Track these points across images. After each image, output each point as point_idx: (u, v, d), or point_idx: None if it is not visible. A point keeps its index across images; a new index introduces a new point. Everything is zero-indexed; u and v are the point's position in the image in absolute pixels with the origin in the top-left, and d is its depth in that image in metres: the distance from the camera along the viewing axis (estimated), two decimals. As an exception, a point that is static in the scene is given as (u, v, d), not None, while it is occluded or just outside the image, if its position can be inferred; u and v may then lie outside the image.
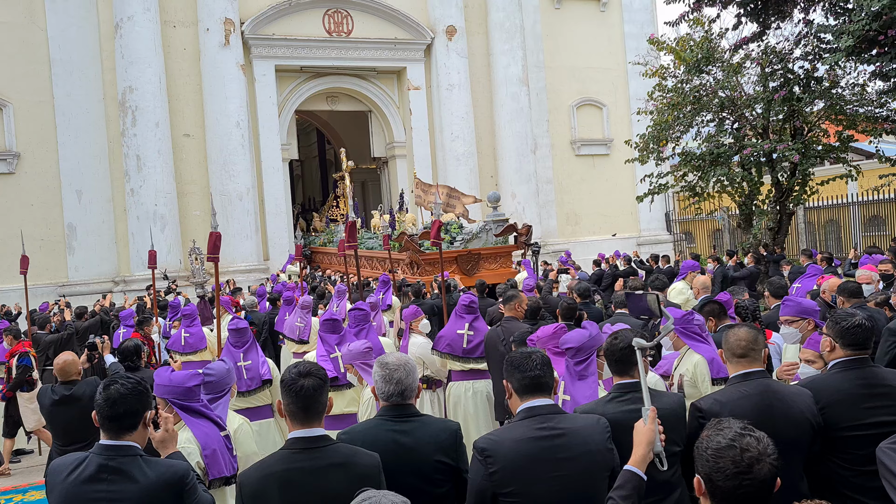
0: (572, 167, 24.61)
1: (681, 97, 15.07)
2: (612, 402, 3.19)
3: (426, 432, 3.16)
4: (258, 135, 20.30)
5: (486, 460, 2.81)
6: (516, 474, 2.78)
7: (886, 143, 16.20)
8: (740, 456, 1.91)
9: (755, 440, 1.95)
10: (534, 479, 2.78)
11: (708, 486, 1.96)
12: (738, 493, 1.91)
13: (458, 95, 22.21)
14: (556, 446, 2.81)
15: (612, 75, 24.93)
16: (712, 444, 1.97)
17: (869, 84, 14.23)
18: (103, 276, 18.94)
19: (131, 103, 18.58)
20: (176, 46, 19.58)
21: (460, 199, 16.89)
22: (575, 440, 2.85)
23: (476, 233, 15.08)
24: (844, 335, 3.25)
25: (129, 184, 18.71)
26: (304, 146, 29.78)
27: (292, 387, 2.80)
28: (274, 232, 20.46)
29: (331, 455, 2.74)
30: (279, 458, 2.78)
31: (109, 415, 2.82)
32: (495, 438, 2.92)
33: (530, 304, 7.02)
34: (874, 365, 3.33)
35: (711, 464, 1.94)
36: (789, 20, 14.12)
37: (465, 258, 14.45)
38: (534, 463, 2.79)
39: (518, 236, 15.58)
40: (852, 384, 3.20)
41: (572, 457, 2.81)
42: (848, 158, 15.21)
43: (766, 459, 1.93)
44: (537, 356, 2.97)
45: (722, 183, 15.00)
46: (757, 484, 1.91)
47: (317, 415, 2.81)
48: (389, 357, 3.29)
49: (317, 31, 20.91)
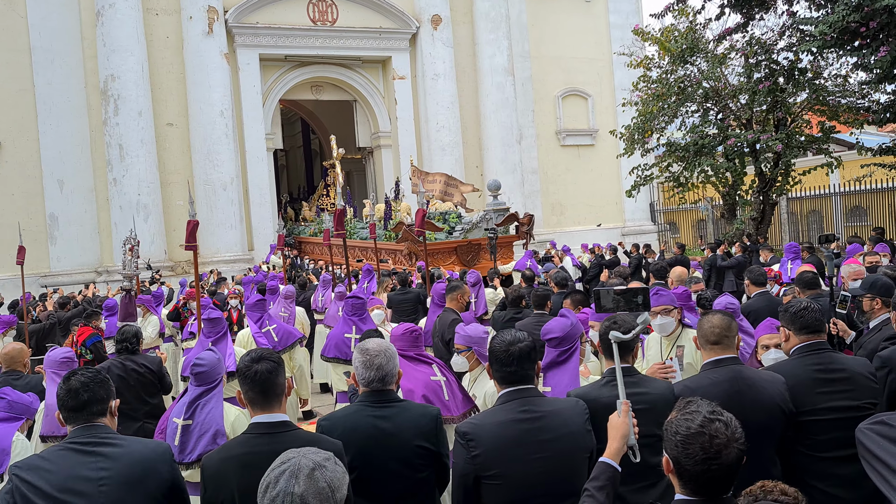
0: (557, 157, 24.65)
1: (665, 88, 15.14)
2: (606, 385, 3.22)
3: (406, 417, 3.18)
4: (242, 124, 20.18)
5: (469, 444, 2.85)
6: (499, 457, 2.82)
7: (867, 135, 16.38)
8: (709, 443, 1.94)
9: (723, 425, 1.97)
10: (516, 461, 2.82)
11: (676, 467, 2.01)
12: (705, 477, 1.96)
13: (443, 85, 22.16)
14: (537, 428, 2.86)
15: (598, 66, 24.97)
16: (681, 428, 2.00)
17: (851, 75, 14.35)
18: (85, 267, 18.80)
19: (113, 92, 18.41)
20: (158, 35, 19.39)
21: (458, 187, 16.50)
22: (555, 422, 2.90)
23: (476, 222, 14.72)
24: (794, 320, 3.31)
25: (112, 173, 18.56)
26: (288, 136, 29.64)
27: (247, 373, 2.84)
28: (258, 222, 20.37)
29: (291, 440, 2.75)
30: (240, 441, 2.83)
31: (74, 405, 2.75)
32: (477, 422, 2.96)
33: (513, 293, 7.03)
34: (831, 350, 3.36)
35: (680, 449, 1.98)
36: (773, 11, 14.18)
37: (465, 248, 14.19)
38: (515, 445, 2.83)
39: (519, 226, 15.21)
40: (807, 369, 3.24)
41: (553, 438, 2.85)
42: (830, 149, 15.35)
43: (734, 445, 1.96)
44: (516, 349, 2.96)
45: (706, 173, 15.10)
46: (724, 468, 1.95)
47: (275, 398, 2.84)
48: (370, 343, 3.30)
49: (301, 20, 20.78)
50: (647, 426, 2.90)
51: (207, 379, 4.22)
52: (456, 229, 14.70)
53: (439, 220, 15.08)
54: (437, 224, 14.68)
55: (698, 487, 1.98)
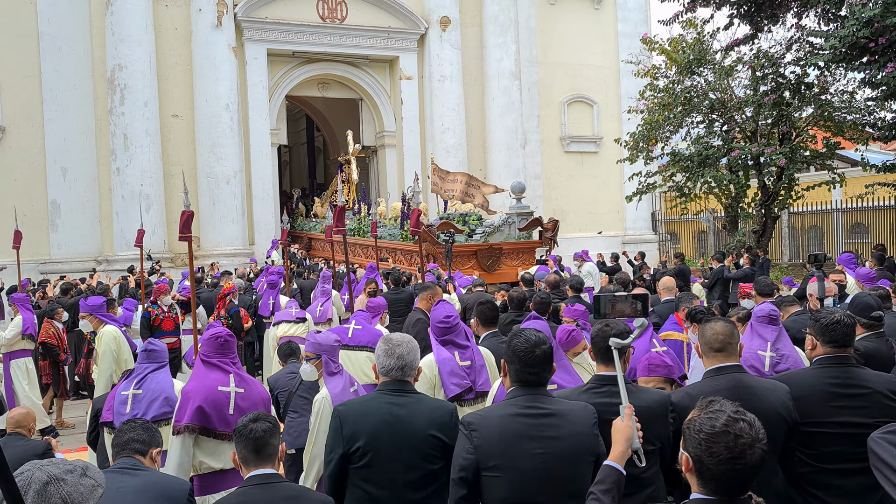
0: (561, 163, 24.65)
1: (672, 97, 15.16)
2: (587, 392, 3.20)
3: (422, 408, 3.23)
4: (247, 118, 20.18)
5: (472, 434, 2.85)
6: (500, 448, 2.81)
7: (872, 152, 16.37)
8: (734, 442, 1.94)
9: (748, 425, 1.97)
10: (518, 455, 2.80)
11: (697, 465, 1.99)
12: (728, 477, 1.95)
13: (449, 87, 22.18)
14: (543, 424, 2.85)
15: (604, 73, 24.98)
16: (706, 427, 1.98)
17: (858, 91, 14.37)
18: (86, 255, 18.79)
19: (120, 81, 18.41)
20: (167, 26, 19.40)
21: (480, 188, 15.77)
22: (562, 421, 2.88)
23: (498, 226, 14.02)
24: (824, 332, 3.29)
25: (116, 162, 18.55)
26: (293, 132, 29.61)
27: (243, 431, 2.90)
28: (260, 217, 20.36)
29: (284, 489, 2.86)
30: (236, 493, 2.91)
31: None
32: (483, 414, 2.97)
33: (516, 296, 7.01)
34: (856, 365, 3.33)
35: (704, 448, 1.96)
36: (782, 24, 14.20)
37: (486, 253, 13.42)
38: (519, 438, 2.82)
39: (543, 231, 14.48)
40: (824, 381, 3.23)
41: (558, 436, 2.84)
42: (833, 165, 15.36)
43: (758, 445, 1.96)
44: (541, 352, 2.93)
45: (709, 184, 15.11)
46: (748, 468, 1.95)
47: (268, 458, 2.90)
48: (394, 334, 3.40)
49: (310, 17, 20.80)
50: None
51: (158, 358, 4.85)
52: (477, 232, 14.06)
53: (459, 221, 14.39)
54: (458, 226, 14.01)
55: (719, 487, 1.98)
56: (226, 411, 4.15)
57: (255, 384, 4.46)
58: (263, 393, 4.51)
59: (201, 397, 4.13)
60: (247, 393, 4.27)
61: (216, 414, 4.13)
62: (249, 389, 4.32)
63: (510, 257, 13.84)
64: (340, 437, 3.20)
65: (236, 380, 4.29)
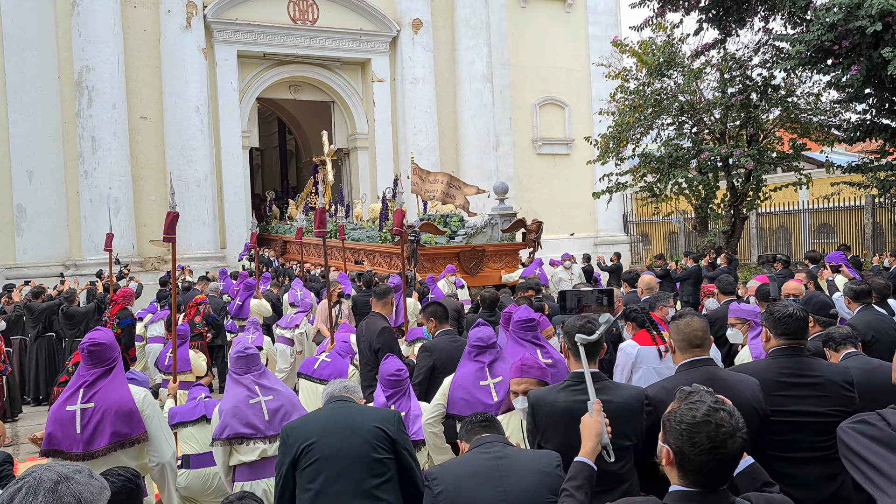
0: (533, 165, 24.77)
1: (642, 100, 15.31)
2: (564, 389, 3.22)
3: (365, 409, 3.56)
4: (218, 121, 19.99)
5: (433, 482, 2.95)
6: (461, 491, 2.88)
7: (837, 154, 16.72)
8: (715, 431, 1.95)
9: (728, 415, 1.99)
10: (478, 495, 2.86)
11: (678, 457, 2.00)
12: (709, 467, 1.96)
13: (422, 89, 22.18)
14: (502, 465, 2.93)
15: (576, 76, 25.16)
16: (686, 418, 1.99)
17: (823, 94, 14.65)
18: (53, 260, 18.47)
19: (88, 83, 18.13)
20: (135, 27, 19.16)
21: (461, 189, 15.41)
22: (521, 460, 2.98)
23: (480, 227, 13.74)
24: (777, 325, 3.39)
25: (83, 165, 18.26)
26: (264, 135, 29.38)
27: None
28: (232, 220, 20.18)
29: None
30: None
31: None
32: (443, 466, 3.12)
33: (488, 296, 7.02)
34: (808, 356, 3.43)
35: (685, 438, 1.97)
36: (749, 28, 14.42)
37: (469, 255, 13.10)
38: (478, 479, 2.89)
39: (527, 233, 14.22)
40: (776, 371, 3.31)
41: (517, 472, 2.91)
42: (800, 167, 15.63)
43: (738, 434, 1.97)
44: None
45: (679, 185, 15.28)
46: (729, 458, 1.97)
47: None
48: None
49: (281, 18, 20.67)
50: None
51: (103, 358, 3.99)
52: (459, 233, 13.77)
53: (440, 222, 14.10)
54: (439, 227, 13.74)
55: (700, 478, 1.99)
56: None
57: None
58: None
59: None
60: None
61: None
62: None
63: (493, 259, 13.60)
64: (286, 447, 3.35)
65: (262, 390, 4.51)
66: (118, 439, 3.85)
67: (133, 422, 3.90)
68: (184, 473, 5.20)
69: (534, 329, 5.10)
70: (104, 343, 3.98)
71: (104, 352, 3.97)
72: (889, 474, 1.38)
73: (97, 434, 3.84)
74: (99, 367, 3.94)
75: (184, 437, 5.27)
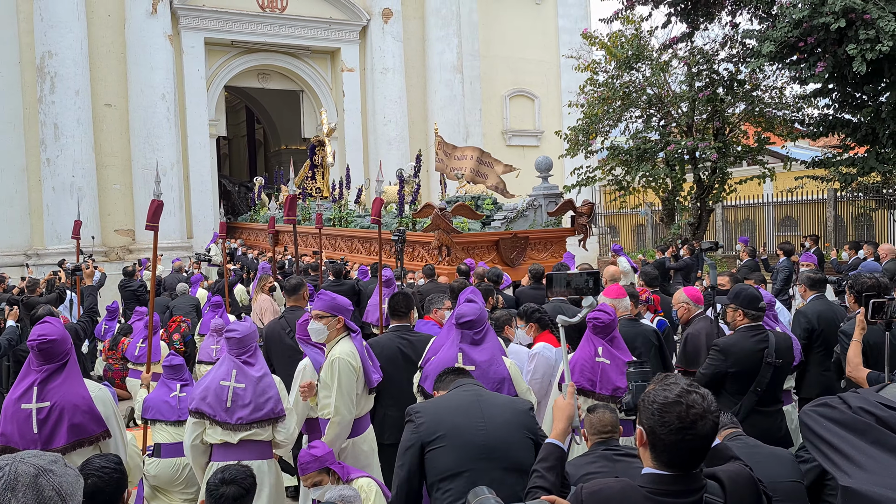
0: (503, 157, 24.42)
1: (611, 92, 15.43)
2: None
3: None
4: (185, 109, 19.70)
5: (416, 416, 3.09)
6: (443, 422, 3.03)
7: (800, 148, 17.02)
8: (686, 412, 1.99)
9: (700, 397, 2.03)
10: (460, 423, 3.02)
11: (650, 437, 2.04)
12: (679, 447, 2.00)
13: (392, 79, 22.08)
14: (482, 401, 3.11)
15: (545, 68, 25.24)
16: (659, 398, 2.03)
17: (787, 88, 14.90)
18: (14, 249, 18.08)
19: (50, 69, 17.73)
20: (99, 13, 18.76)
21: (493, 167, 13.38)
22: (498, 399, 3.23)
23: (522, 210, 11.80)
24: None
25: (46, 153, 17.87)
26: (232, 124, 28.94)
27: (213, 493, 2.92)
28: (199, 209, 19.93)
29: None
30: None
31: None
32: (425, 402, 3.34)
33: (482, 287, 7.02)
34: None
35: (657, 418, 2.01)
36: (717, 22, 14.59)
37: (510, 243, 11.14)
38: (460, 411, 3.06)
39: (577, 216, 11.89)
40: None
41: (495, 408, 3.09)
42: (764, 160, 15.90)
43: (709, 416, 2.01)
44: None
45: (647, 178, 15.45)
46: (699, 439, 2.00)
47: None
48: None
49: (249, 6, 20.41)
50: None
51: (54, 354, 3.72)
52: (495, 218, 11.99)
53: (472, 205, 12.24)
54: (474, 210, 11.87)
55: (672, 459, 2.02)
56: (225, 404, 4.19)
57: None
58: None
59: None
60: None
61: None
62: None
63: (537, 248, 11.65)
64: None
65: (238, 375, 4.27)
66: (76, 438, 3.67)
67: (92, 420, 3.70)
68: (154, 462, 5.16)
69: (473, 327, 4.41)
70: (55, 338, 3.70)
71: (55, 347, 3.71)
72: (850, 455, 1.43)
73: (55, 434, 3.67)
74: (51, 363, 3.70)
75: (156, 426, 5.24)
